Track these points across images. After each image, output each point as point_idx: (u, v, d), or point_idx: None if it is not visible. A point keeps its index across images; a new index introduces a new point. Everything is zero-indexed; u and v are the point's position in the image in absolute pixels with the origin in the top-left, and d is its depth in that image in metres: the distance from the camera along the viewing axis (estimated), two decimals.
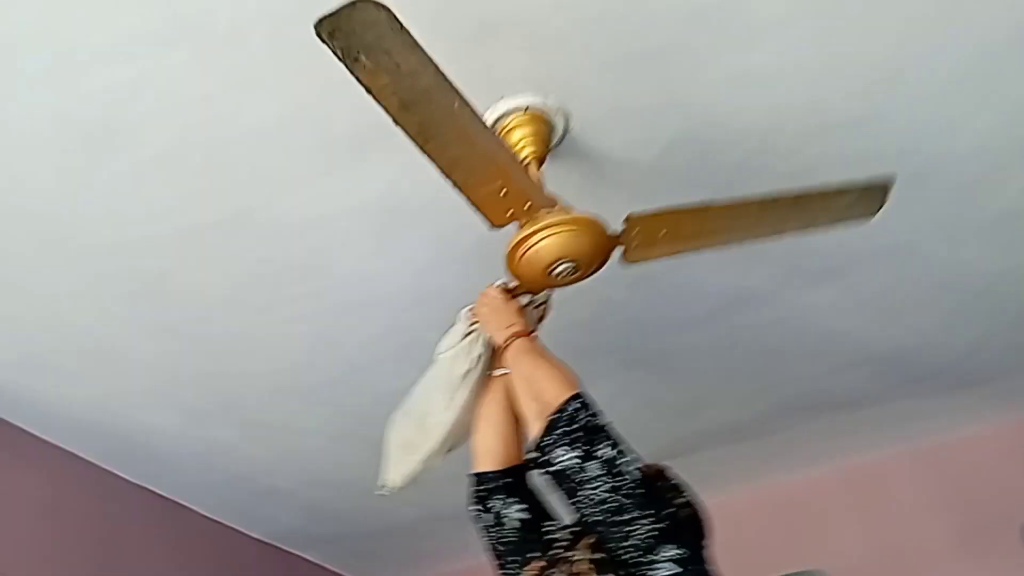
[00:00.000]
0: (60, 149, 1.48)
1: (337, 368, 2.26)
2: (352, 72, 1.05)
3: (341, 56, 1.02)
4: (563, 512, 1.29)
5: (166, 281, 1.87)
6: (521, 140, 1.46)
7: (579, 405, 1.17)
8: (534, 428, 1.19)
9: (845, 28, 1.42)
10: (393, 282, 1.96)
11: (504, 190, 1.30)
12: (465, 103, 1.15)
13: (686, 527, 1.15)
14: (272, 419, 2.47)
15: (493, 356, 1.47)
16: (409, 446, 1.47)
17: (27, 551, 2.26)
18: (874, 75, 1.53)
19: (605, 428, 1.16)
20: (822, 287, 2.23)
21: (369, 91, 1.08)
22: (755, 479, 3.41)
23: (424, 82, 1.09)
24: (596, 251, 1.36)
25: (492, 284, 1.47)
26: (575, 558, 1.13)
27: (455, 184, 1.30)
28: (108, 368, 2.16)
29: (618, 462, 1.09)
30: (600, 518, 1.07)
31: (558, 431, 1.13)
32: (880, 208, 1.41)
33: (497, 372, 1.46)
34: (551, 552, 1.22)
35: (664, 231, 1.35)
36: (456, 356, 1.46)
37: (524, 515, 1.31)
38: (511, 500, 1.33)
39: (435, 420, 1.45)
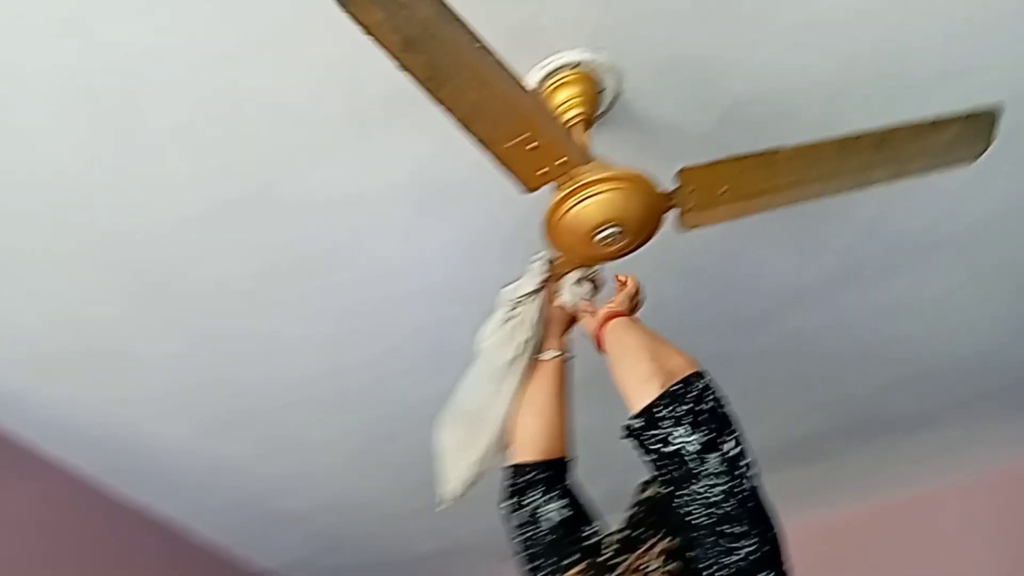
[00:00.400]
0: (68, 119, 1.34)
1: (361, 374, 2.07)
2: (344, 8, 0.91)
3: None
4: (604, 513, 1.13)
5: (182, 271, 1.70)
6: (569, 100, 1.30)
7: (707, 384, 0.99)
8: (644, 391, 0.98)
9: None
10: (426, 275, 1.78)
11: (534, 143, 1.11)
12: (475, 38, 0.99)
13: (783, 553, 0.95)
14: (287, 433, 2.28)
15: (543, 339, 1.33)
16: (464, 448, 1.31)
17: (15, 574, 2.07)
18: (960, 21, 1.33)
19: (733, 419, 0.97)
20: (885, 285, 2.03)
21: (367, 31, 0.94)
22: (800, 511, 3.14)
23: (423, 12, 0.94)
24: (646, 213, 1.16)
25: (534, 257, 1.32)
26: (650, 567, 0.94)
27: (479, 139, 1.12)
28: (116, 371, 1.98)
29: (741, 464, 0.91)
30: (706, 521, 0.88)
31: (682, 406, 0.95)
32: (987, 147, 1.19)
33: (544, 356, 1.32)
34: (598, 558, 1.04)
35: (724, 188, 1.15)
36: (500, 343, 1.30)
37: (565, 512, 1.15)
38: (551, 495, 1.16)
39: (486, 415, 1.30)
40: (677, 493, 0.92)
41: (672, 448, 0.92)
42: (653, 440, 0.95)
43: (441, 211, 1.61)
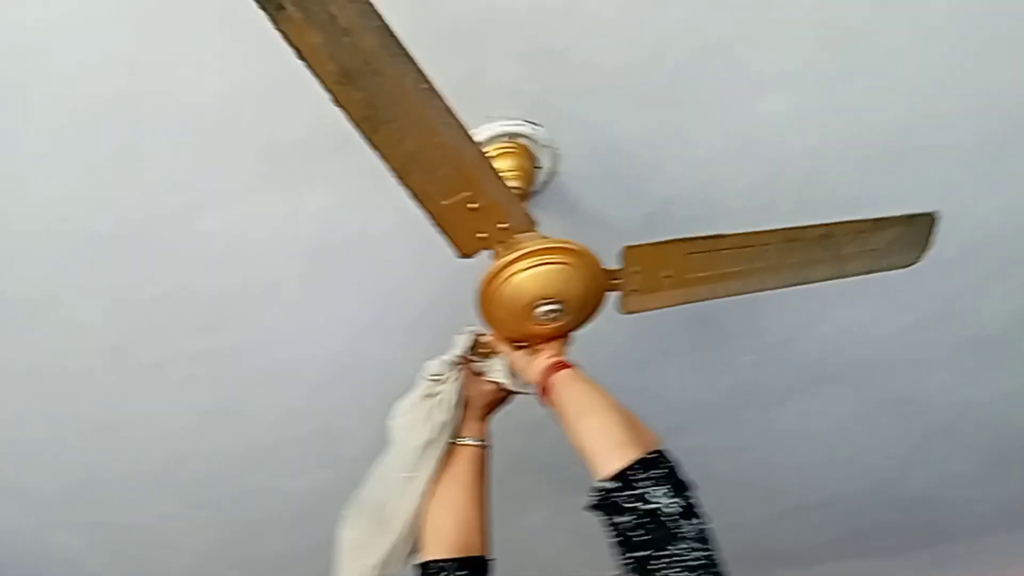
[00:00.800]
0: None
1: (226, 458, 1.85)
2: (276, 26, 0.83)
3: (261, 3, 0.80)
4: None
5: (31, 315, 1.46)
6: (504, 172, 1.25)
7: (678, 462, 0.97)
8: (619, 455, 0.94)
9: (857, 93, 1.30)
10: (319, 347, 1.62)
11: (475, 203, 1.04)
12: (423, 78, 0.92)
13: None
14: (131, 522, 2.00)
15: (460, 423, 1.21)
16: (363, 547, 1.16)
17: None
18: (875, 149, 1.40)
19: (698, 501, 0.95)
20: (784, 410, 2.06)
21: (300, 55, 0.86)
22: None
23: (368, 43, 0.87)
24: (587, 291, 1.10)
25: (464, 330, 1.21)
26: None
27: (414, 193, 1.03)
28: None
29: (711, 541, 0.89)
30: None
31: (658, 470, 0.92)
32: (924, 251, 1.22)
33: (461, 441, 1.20)
34: None
35: (667, 272, 1.11)
36: (413, 424, 1.17)
37: None
38: None
39: (393, 508, 1.15)
40: (655, 555, 0.86)
41: (651, 507, 0.89)
42: (630, 499, 0.90)
43: (345, 276, 1.49)
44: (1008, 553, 2.69)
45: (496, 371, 1.21)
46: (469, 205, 1.04)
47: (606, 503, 0.91)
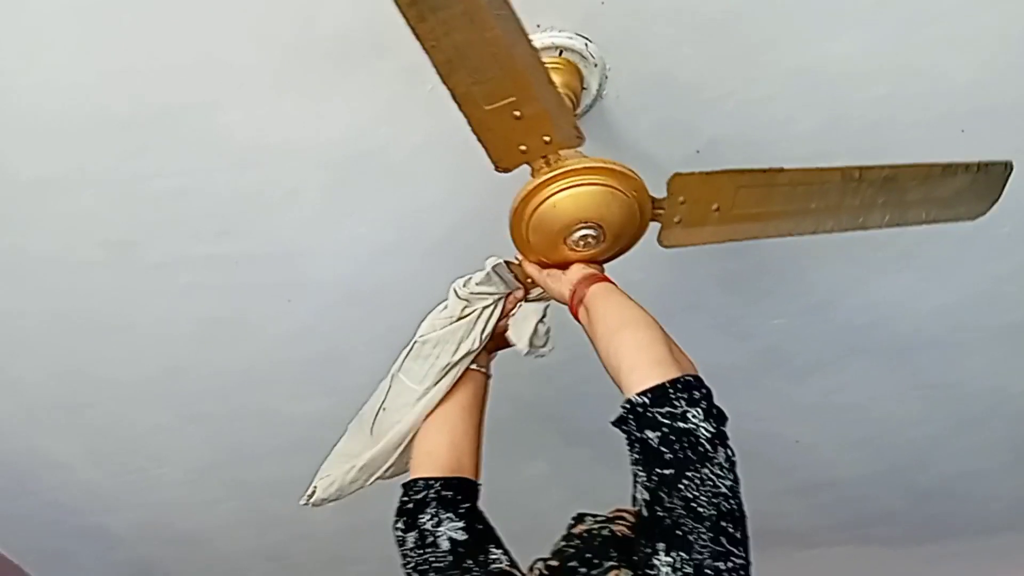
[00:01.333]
0: None
1: (224, 373, 1.84)
2: None
3: None
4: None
5: (40, 195, 1.42)
6: None
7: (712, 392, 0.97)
8: (658, 371, 0.93)
9: (934, 41, 1.26)
10: (330, 264, 1.60)
11: (519, 111, 1.00)
12: None
13: None
14: (123, 430, 2.01)
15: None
16: (350, 454, 1.19)
17: None
18: (944, 105, 1.36)
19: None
20: (807, 382, 2.04)
21: None
22: None
23: None
24: (629, 218, 1.07)
25: (491, 257, 1.19)
26: None
27: (454, 94, 0.99)
28: None
29: (738, 472, 0.88)
30: (712, 512, 0.83)
31: (696, 393, 0.91)
32: (993, 204, 1.19)
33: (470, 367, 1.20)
34: None
35: (716, 205, 1.08)
36: (442, 342, 1.17)
37: (459, 535, 1.03)
38: (446, 516, 1.04)
39: (391, 420, 1.17)
40: (684, 475, 0.86)
41: (687, 426, 0.87)
42: (666, 415, 0.88)
43: (367, 191, 1.46)
44: (1013, 555, 2.69)
45: (516, 328, 1.20)
46: (514, 112, 1.00)
47: (639, 416, 0.90)
